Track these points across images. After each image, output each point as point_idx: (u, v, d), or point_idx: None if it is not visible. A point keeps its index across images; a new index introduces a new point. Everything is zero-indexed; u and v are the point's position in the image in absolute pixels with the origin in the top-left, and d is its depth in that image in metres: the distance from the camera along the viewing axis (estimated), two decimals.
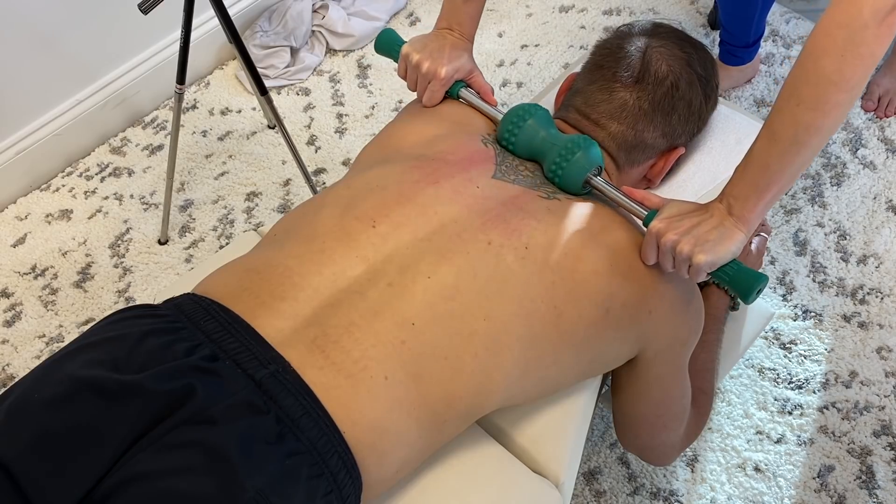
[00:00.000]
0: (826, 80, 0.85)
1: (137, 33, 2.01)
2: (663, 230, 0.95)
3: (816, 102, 0.86)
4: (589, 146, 1.04)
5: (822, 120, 0.87)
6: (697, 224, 0.94)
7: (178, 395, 0.80)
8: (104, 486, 0.76)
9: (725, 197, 0.95)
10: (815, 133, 0.87)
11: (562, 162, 1.04)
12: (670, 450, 1.20)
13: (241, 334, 0.86)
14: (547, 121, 1.09)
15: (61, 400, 0.80)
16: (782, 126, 0.89)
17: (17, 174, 1.94)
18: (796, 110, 0.87)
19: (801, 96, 0.87)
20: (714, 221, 0.94)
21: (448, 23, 1.19)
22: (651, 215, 0.99)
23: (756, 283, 0.94)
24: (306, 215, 1.00)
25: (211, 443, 0.78)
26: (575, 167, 1.03)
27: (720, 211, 0.95)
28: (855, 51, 0.83)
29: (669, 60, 1.12)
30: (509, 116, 1.10)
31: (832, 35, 0.83)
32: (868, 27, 0.82)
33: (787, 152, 0.89)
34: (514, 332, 0.93)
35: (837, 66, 0.84)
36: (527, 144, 1.08)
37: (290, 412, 0.82)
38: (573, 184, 1.04)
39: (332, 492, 0.82)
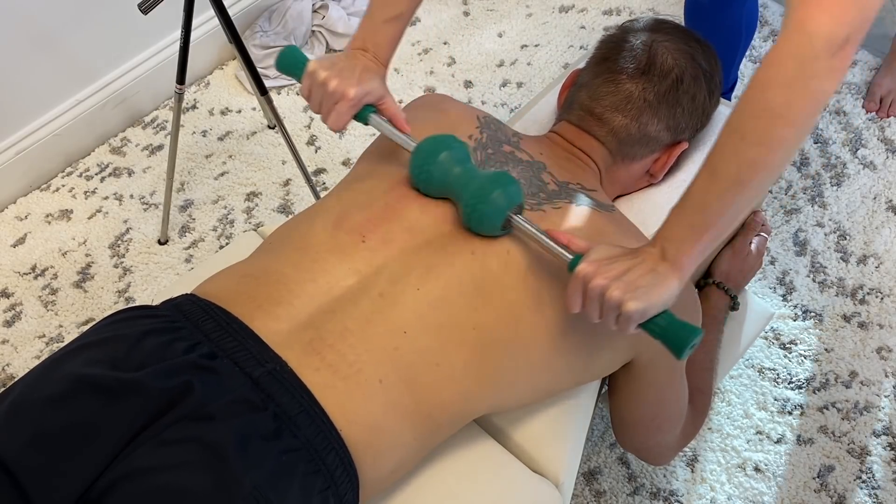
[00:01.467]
0: (772, 113, 0.79)
1: (137, 33, 2.01)
2: (591, 274, 0.86)
3: (761, 137, 0.80)
4: (507, 183, 0.95)
5: (766, 156, 0.81)
6: (628, 269, 0.86)
7: (177, 391, 0.81)
8: (103, 482, 0.77)
9: (659, 240, 0.88)
10: (758, 170, 0.81)
11: (478, 202, 0.93)
12: (667, 450, 1.20)
13: (239, 334, 0.87)
14: (463, 155, 0.99)
15: (60, 398, 0.80)
16: (724, 163, 0.83)
17: (17, 174, 1.94)
18: (739, 145, 0.81)
19: (745, 130, 0.81)
20: (646, 266, 0.86)
21: (363, 43, 1.08)
22: (576, 260, 0.89)
23: (690, 338, 0.85)
24: (300, 226, 1.02)
25: (209, 439, 0.78)
26: (491, 207, 0.93)
27: (652, 255, 0.87)
28: (805, 83, 0.78)
29: (675, 54, 1.12)
30: (421, 150, 0.99)
31: (782, 65, 0.78)
32: (819, 59, 0.77)
33: (728, 191, 0.83)
34: (504, 339, 0.94)
35: (785, 98, 0.78)
36: (439, 182, 0.98)
37: (288, 409, 0.82)
38: (491, 226, 0.94)
39: (329, 488, 0.82)
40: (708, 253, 0.86)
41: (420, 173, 0.98)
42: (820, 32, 0.76)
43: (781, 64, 0.78)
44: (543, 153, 1.11)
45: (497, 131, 1.12)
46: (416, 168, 0.99)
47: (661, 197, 1.23)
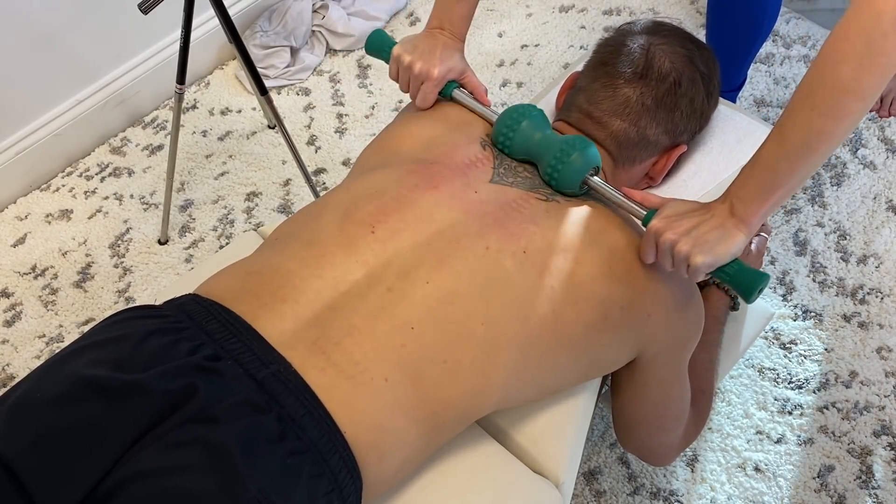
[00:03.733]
0: (842, 88, 0.82)
1: (137, 33, 2.01)
2: (662, 229, 0.94)
3: (830, 109, 0.84)
4: (585, 147, 1.03)
5: (834, 127, 0.85)
6: (697, 224, 0.93)
7: (181, 393, 0.80)
8: (106, 484, 0.76)
9: (729, 197, 0.93)
10: (826, 139, 0.86)
11: (557, 164, 1.02)
12: (669, 450, 1.20)
13: (243, 335, 0.87)
14: (542, 122, 1.08)
15: (64, 399, 0.80)
16: (794, 130, 0.87)
17: (17, 174, 1.94)
18: (810, 115, 0.85)
19: (815, 102, 0.84)
20: (714, 222, 0.93)
21: (440, 22, 1.17)
22: (650, 215, 0.97)
23: (758, 282, 0.93)
24: (307, 220, 1.00)
25: (213, 441, 0.78)
26: (571, 168, 1.02)
27: (722, 211, 0.93)
28: (873, 60, 0.80)
29: (672, 57, 1.12)
30: (504, 118, 1.08)
31: (850, 42, 0.81)
32: (888, 36, 0.79)
33: (797, 156, 0.87)
34: (512, 335, 0.93)
35: (854, 74, 0.81)
36: (522, 146, 1.06)
37: (292, 412, 0.82)
38: (570, 185, 1.03)
39: (333, 491, 0.82)
40: (774, 210, 0.92)
41: (506, 138, 1.07)
42: (887, 9, 0.78)
43: (850, 40, 0.80)
44: None
45: None
46: (502, 133, 1.07)
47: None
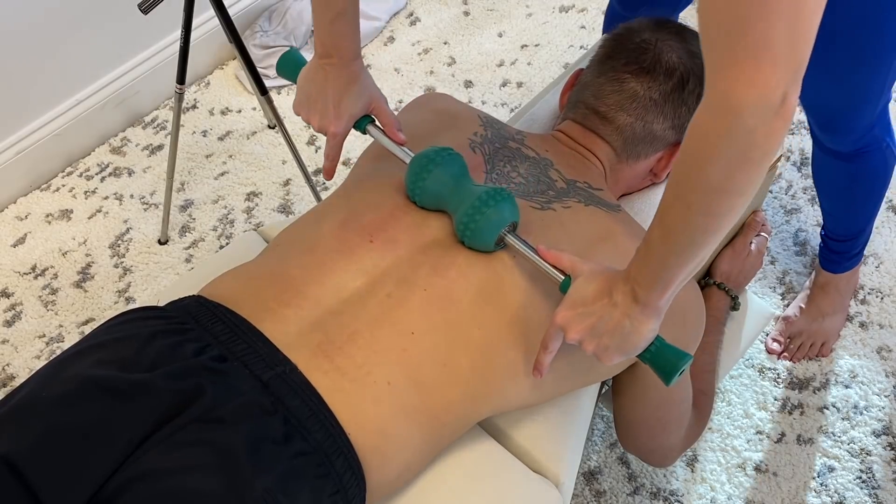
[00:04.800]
0: (716, 189, 0.72)
1: (137, 33, 2.01)
2: (566, 326, 0.86)
3: (708, 209, 0.74)
4: (502, 200, 0.94)
5: (717, 223, 0.75)
6: (601, 318, 0.84)
7: (188, 394, 0.80)
8: (113, 484, 0.77)
9: (630, 280, 0.83)
10: (712, 233, 0.76)
11: (470, 221, 0.93)
12: (670, 452, 1.20)
13: (248, 336, 0.87)
14: (459, 169, 0.97)
15: (70, 398, 0.80)
16: (675, 225, 0.77)
17: (17, 174, 1.94)
18: (687, 214, 0.75)
19: (689, 201, 0.75)
20: (618, 314, 0.84)
21: (324, 49, 1.05)
22: (566, 282, 0.89)
23: (679, 364, 0.86)
24: (307, 227, 1.01)
25: (220, 442, 0.78)
26: (486, 223, 0.92)
27: (625, 298, 0.83)
28: (745, 156, 0.69)
29: (679, 52, 1.12)
30: (415, 164, 0.98)
31: (714, 142, 0.69)
32: (756, 130, 0.67)
33: (685, 250, 0.78)
34: (509, 339, 0.94)
35: (727, 173, 0.70)
36: (434, 196, 0.96)
37: (297, 413, 0.82)
38: (484, 242, 0.94)
39: (338, 492, 0.82)
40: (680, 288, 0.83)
41: (414, 187, 0.97)
42: (748, 106, 0.66)
43: (714, 141, 0.69)
44: (549, 150, 1.10)
45: (500, 129, 1.12)
46: (411, 181, 0.97)
47: (661, 197, 1.23)
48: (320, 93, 1.05)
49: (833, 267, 1.59)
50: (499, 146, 1.07)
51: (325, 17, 1.03)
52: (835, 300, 1.61)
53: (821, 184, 1.50)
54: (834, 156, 1.37)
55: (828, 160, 1.40)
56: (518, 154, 1.07)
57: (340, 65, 1.05)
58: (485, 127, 1.10)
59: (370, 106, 1.07)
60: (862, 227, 1.53)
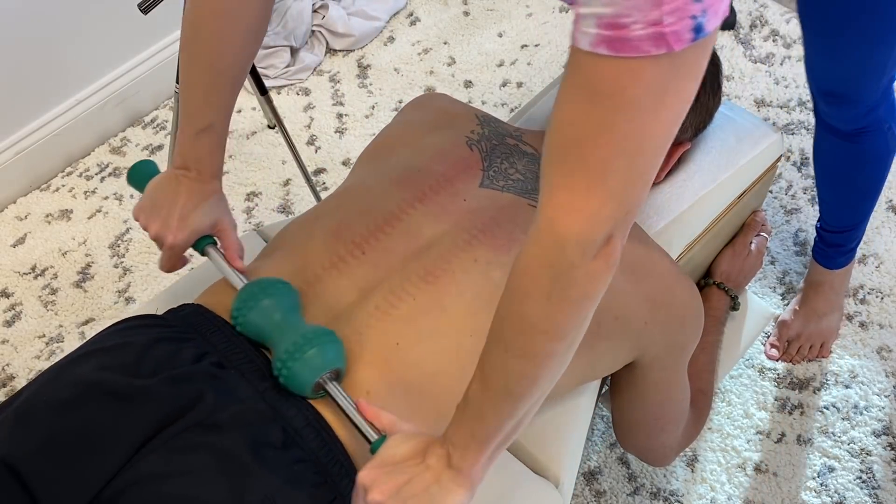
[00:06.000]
0: (533, 328, 0.69)
1: (137, 33, 2.01)
2: (368, 485, 0.77)
3: (525, 351, 0.70)
4: (327, 342, 0.86)
5: (534, 370, 0.71)
6: (409, 480, 0.77)
7: (188, 399, 0.81)
8: (113, 488, 0.77)
9: (446, 441, 0.78)
10: (529, 384, 0.72)
11: (289, 359, 0.84)
12: (669, 451, 1.20)
13: (245, 346, 0.88)
14: (289, 303, 0.90)
15: (71, 403, 0.80)
16: (493, 373, 0.74)
17: (17, 174, 1.94)
18: (504, 357, 0.72)
19: (507, 342, 0.71)
20: (428, 477, 0.77)
21: (183, 161, 0.98)
22: (379, 442, 0.82)
23: None
24: (301, 235, 1.00)
25: (221, 446, 0.78)
26: (305, 366, 0.84)
27: (439, 461, 0.77)
28: (564, 294, 0.66)
29: None
30: (245, 292, 0.91)
31: (534, 275, 0.66)
32: (576, 266, 0.64)
33: (502, 403, 0.74)
34: None
35: (545, 311, 0.67)
36: (256, 327, 0.89)
37: (293, 422, 0.83)
38: (300, 385, 0.85)
39: (336, 499, 0.82)
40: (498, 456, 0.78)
41: (238, 315, 0.90)
42: (572, 237, 0.63)
43: (534, 274, 0.66)
44: None
45: (498, 126, 1.11)
46: (235, 308, 0.90)
47: (660, 197, 1.23)
48: (168, 202, 0.97)
49: (827, 262, 1.59)
50: (496, 143, 1.06)
51: (191, 128, 0.97)
52: (829, 299, 1.61)
53: (821, 168, 1.49)
54: (836, 135, 1.37)
55: (830, 140, 1.40)
56: (516, 150, 1.06)
57: (198, 179, 0.98)
58: (482, 125, 1.10)
59: (216, 227, 1.01)
60: (858, 220, 1.52)
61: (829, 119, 1.35)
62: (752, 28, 2.16)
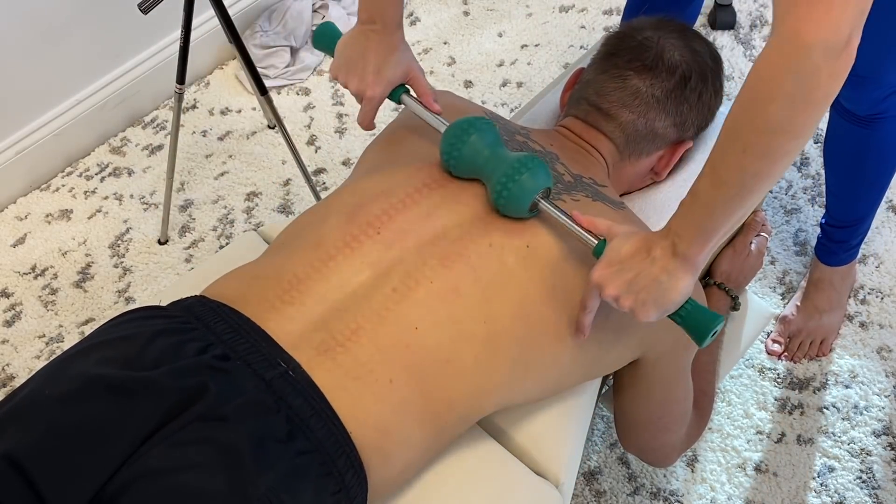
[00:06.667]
0: (775, 129, 0.74)
1: (137, 33, 2.01)
2: (603, 283, 0.87)
3: (765, 151, 0.76)
4: (536, 166, 0.95)
5: (770, 167, 0.77)
6: (639, 273, 0.86)
7: (191, 392, 0.81)
8: (116, 482, 0.77)
9: (671, 233, 0.85)
10: (763, 179, 0.79)
11: (507, 183, 0.94)
12: (671, 451, 1.20)
13: (251, 335, 0.87)
14: (493, 137, 0.99)
15: (74, 396, 0.80)
16: (727, 171, 0.80)
17: (17, 174, 1.94)
18: (742, 157, 0.77)
19: (746, 143, 0.77)
20: (656, 269, 0.85)
21: (369, 15, 1.05)
22: (601, 245, 0.91)
23: (711, 325, 0.87)
24: (313, 222, 1.01)
25: (223, 440, 0.78)
26: (520, 189, 0.94)
27: (664, 252, 0.85)
28: (808, 96, 0.72)
29: (682, 51, 1.12)
30: (451, 132, 0.99)
31: (780, 80, 0.71)
32: (821, 69, 0.70)
33: (734, 197, 0.80)
34: (514, 333, 0.93)
35: (788, 113, 0.73)
36: (469, 163, 0.98)
37: (300, 412, 0.82)
38: (519, 207, 0.96)
39: (341, 491, 0.82)
40: (719, 244, 0.85)
41: (450, 154, 0.98)
42: (818, 42, 0.69)
43: (780, 79, 0.72)
44: (554, 144, 1.10)
45: (506, 124, 1.12)
46: (446, 149, 0.99)
47: (663, 196, 1.23)
48: (361, 57, 1.05)
49: (830, 258, 1.59)
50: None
51: None
52: (830, 296, 1.61)
53: (832, 156, 1.49)
54: (851, 120, 1.37)
55: (843, 126, 1.40)
56: (525, 147, 1.07)
57: (383, 31, 1.05)
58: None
59: (408, 75, 1.07)
60: (864, 215, 1.52)
61: (846, 102, 1.35)
62: (752, 28, 2.16)
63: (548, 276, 0.95)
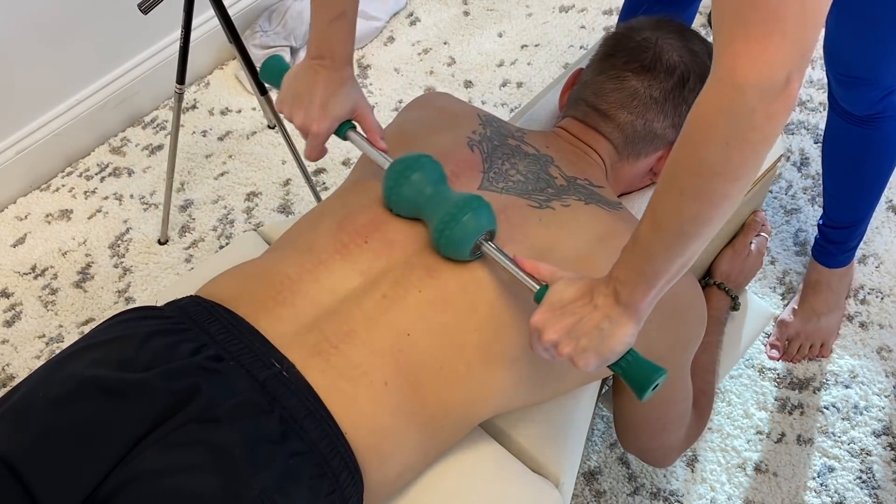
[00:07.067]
0: (710, 171, 0.71)
1: (137, 33, 2.01)
2: (542, 328, 0.84)
3: (700, 194, 0.73)
4: (479, 207, 0.92)
5: (708, 211, 0.74)
6: (580, 319, 0.83)
7: (184, 393, 0.81)
8: (110, 483, 0.77)
9: (612, 281, 0.82)
10: (702, 224, 0.75)
11: (445, 228, 0.91)
12: (671, 451, 1.20)
13: (245, 336, 0.87)
14: (437, 175, 0.96)
15: (67, 398, 0.80)
16: (665, 215, 0.77)
17: (17, 174, 1.94)
18: (679, 200, 0.74)
19: (683, 186, 0.74)
20: (598, 316, 0.82)
21: (318, 51, 1.04)
22: (542, 291, 0.87)
23: (653, 377, 0.83)
24: (305, 228, 1.02)
25: (216, 442, 0.78)
26: (462, 231, 0.91)
27: (607, 300, 0.82)
28: (743, 138, 0.68)
29: (680, 51, 1.12)
30: (393, 169, 0.97)
31: (713, 122, 0.69)
32: (756, 111, 0.66)
33: (673, 243, 0.77)
34: (506, 342, 0.93)
35: (723, 155, 0.69)
36: (410, 202, 0.95)
37: (294, 413, 0.82)
38: (459, 249, 0.92)
39: (335, 492, 0.82)
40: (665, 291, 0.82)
41: (391, 193, 0.96)
42: (751, 82, 0.65)
43: (714, 120, 0.69)
44: (550, 147, 1.10)
45: (500, 126, 1.12)
46: (387, 187, 0.96)
47: None
48: (307, 92, 1.04)
49: (827, 259, 1.59)
50: (497, 144, 1.07)
51: (324, 17, 1.02)
52: (828, 299, 1.61)
53: (830, 156, 1.48)
54: (849, 120, 1.37)
55: (842, 126, 1.39)
56: (517, 151, 1.07)
57: (332, 67, 1.04)
58: (484, 125, 1.10)
59: (355, 111, 1.06)
60: (862, 216, 1.52)
61: (844, 103, 1.35)
62: None
63: None
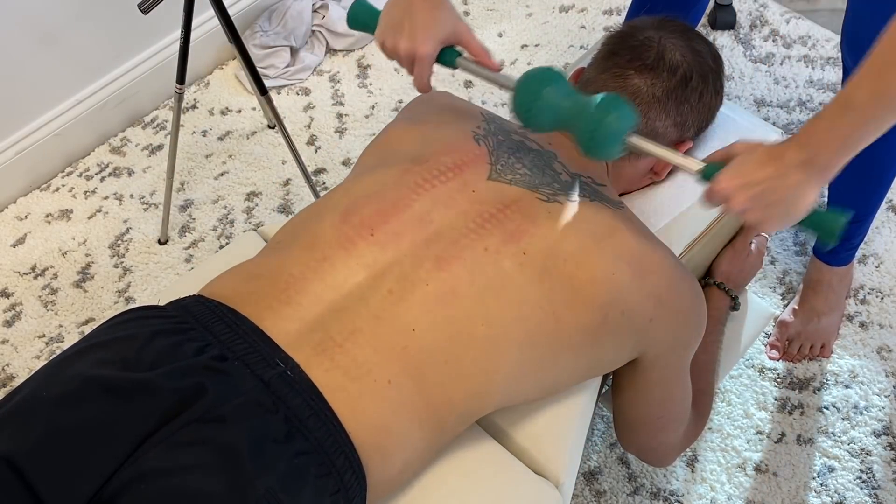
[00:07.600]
0: None
1: (137, 33, 2.01)
2: (731, 194, 0.86)
3: None
4: (619, 106, 0.94)
5: None
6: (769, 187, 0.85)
7: (189, 393, 0.80)
8: (114, 484, 0.77)
9: (804, 147, 0.84)
10: None
11: (595, 131, 0.93)
12: (670, 451, 1.20)
13: (249, 335, 0.87)
14: (564, 86, 0.98)
15: (71, 398, 0.80)
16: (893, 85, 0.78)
17: (17, 174, 1.94)
18: None
19: None
20: (790, 183, 0.85)
21: None
22: (711, 169, 0.89)
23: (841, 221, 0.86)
24: (308, 222, 1.00)
25: (221, 441, 0.78)
26: (611, 131, 0.93)
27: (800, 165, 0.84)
28: None
29: (683, 51, 1.12)
30: (522, 90, 0.98)
31: None
32: None
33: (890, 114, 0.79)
34: (513, 336, 0.93)
35: None
36: (551, 118, 0.97)
37: (299, 412, 0.82)
38: (612, 151, 0.95)
39: (339, 491, 0.82)
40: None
41: (529, 111, 0.97)
42: None
43: None
44: (553, 143, 1.10)
45: (503, 123, 1.11)
46: (524, 106, 0.97)
47: (662, 196, 1.23)
48: (406, 17, 1.02)
49: (830, 256, 1.59)
50: (502, 138, 1.06)
51: None
52: (828, 298, 1.60)
53: None
54: None
55: None
56: (522, 146, 1.06)
57: None
58: (487, 122, 1.10)
59: (456, 34, 1.04)
60: (867, 212, 1.52)
61: None
62: (752, 28, 2.16)
63: (545, 282, 0.94)
